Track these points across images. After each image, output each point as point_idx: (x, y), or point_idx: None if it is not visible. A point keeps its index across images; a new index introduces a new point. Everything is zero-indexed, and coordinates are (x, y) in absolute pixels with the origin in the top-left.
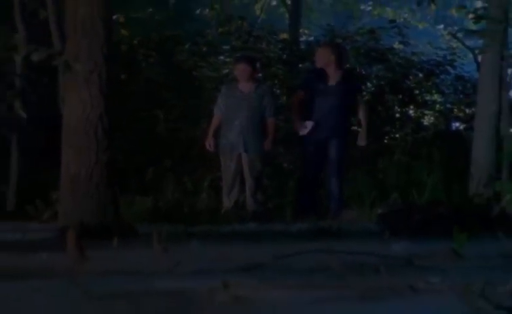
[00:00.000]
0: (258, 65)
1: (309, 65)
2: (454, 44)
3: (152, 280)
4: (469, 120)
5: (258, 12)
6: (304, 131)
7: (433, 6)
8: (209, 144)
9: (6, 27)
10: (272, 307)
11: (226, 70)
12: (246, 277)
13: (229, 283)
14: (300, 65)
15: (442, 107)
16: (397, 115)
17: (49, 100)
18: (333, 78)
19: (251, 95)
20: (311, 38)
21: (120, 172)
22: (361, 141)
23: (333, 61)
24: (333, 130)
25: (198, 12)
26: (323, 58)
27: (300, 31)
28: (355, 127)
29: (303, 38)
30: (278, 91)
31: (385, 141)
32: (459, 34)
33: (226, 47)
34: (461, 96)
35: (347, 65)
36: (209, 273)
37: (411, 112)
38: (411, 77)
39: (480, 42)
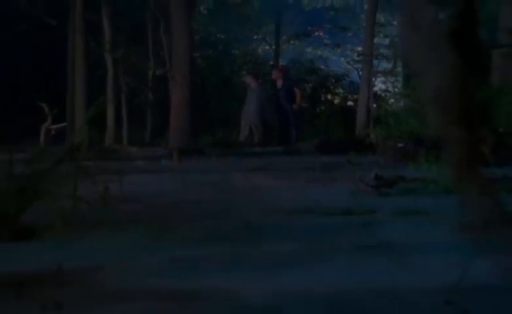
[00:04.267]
0: (259, 77)
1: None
2: (349, 66)
3: (211, 175)
4: (355, 101)
5: (259, 51)
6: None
7: (339, 49)
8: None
9: (145, 57)
10: (269, 188)
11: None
12: (256, 173)
13: (248, 175)
14: None
15: (342, 95)
16: (322, 99)
17: (164, 92)
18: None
19: (258, 89)
20: (284, 63)
21: (196, 125)
22: (296, 106)
23: (279, 76)
24: (285, 107)
25: (232, 51)
26: (275, 74)
27: (279, 59)
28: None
29: (281, 63)
30: (268, 88)
31: (317, 111)
32: (351, 62)
33: (245, 67)
34: (351, 90)
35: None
36: (238, 171)
37: (329, 97)
38: (328, 81)
39: (361, 65)
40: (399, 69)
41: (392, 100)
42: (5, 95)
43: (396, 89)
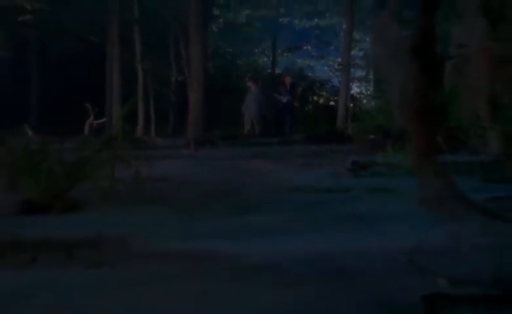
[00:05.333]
0: (258, 81)
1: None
2: (331, 74)
3: (221, 160)
4: (336, 101)
5: (259, 62)
6: (284, 100)
7: (323, 60)
8: (244, 109)
9: (168, 67)
10: (267, 171)
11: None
12: (257, 159)
13: (250, 161)
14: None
15: (326, 97)
16: (310, 99)
17: (183, 94)
18: (287, 85)
19: (257, 91)
20: (280, 72)
21: (208, 121)
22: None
23: (289, 80)
24: (288, 103)
25: (238, 62)
26: (288, 79)
27: (275, 68)
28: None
29: (276, 72)
30: (266, 90)
31: (306, 109)
32: (333, 70)
33: (248, 74)
34: (333, 92)
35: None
36: (242, 158)
37: (315, 98)
38: (315, 85)
39: (340, 73)
40: (371, 76)
41: (365, 101)
42: (57, 97)
43: (368, 92)
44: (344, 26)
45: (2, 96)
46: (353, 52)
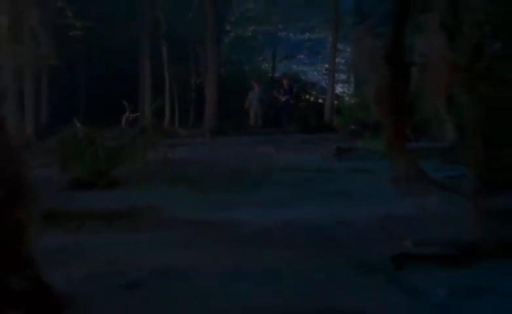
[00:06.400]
0: (261, 82)
1: (279, 84)
2: (320, 77)
3: (231, 147)
4: (324, 99)
5: (262, 67)
6: (283, 99)
7: (313, 66)
8: (248, 105)
9: (188, 72)
10: (269, 155)
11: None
12: (260, 145)
13: (257, 146)
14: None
15: (315, 95)
16: (303, 98)
17: (201, 94)
18: (286, 87)
19: (260, 91)
20: (278, 75)
21: (221, 114)
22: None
23: (288, 82)
24: (286, 102)
25: (244, 67)
26: (286, 81)
27: (275, 73)
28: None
29: (276, 75)
30: (267, 90)
31: (300, 106)
32: (321, 74)
33: (252, 77)
34: (321, 92)
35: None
36: (248, 144)
37: (307, 96)
38: (307, 86)
39: (327, 76)
40: (352, 78)
41: (347, 98)
42: (101, 98)
43: (350, 92)
44: (330, 39)
45: (57, 98)
46: (337, 60)
